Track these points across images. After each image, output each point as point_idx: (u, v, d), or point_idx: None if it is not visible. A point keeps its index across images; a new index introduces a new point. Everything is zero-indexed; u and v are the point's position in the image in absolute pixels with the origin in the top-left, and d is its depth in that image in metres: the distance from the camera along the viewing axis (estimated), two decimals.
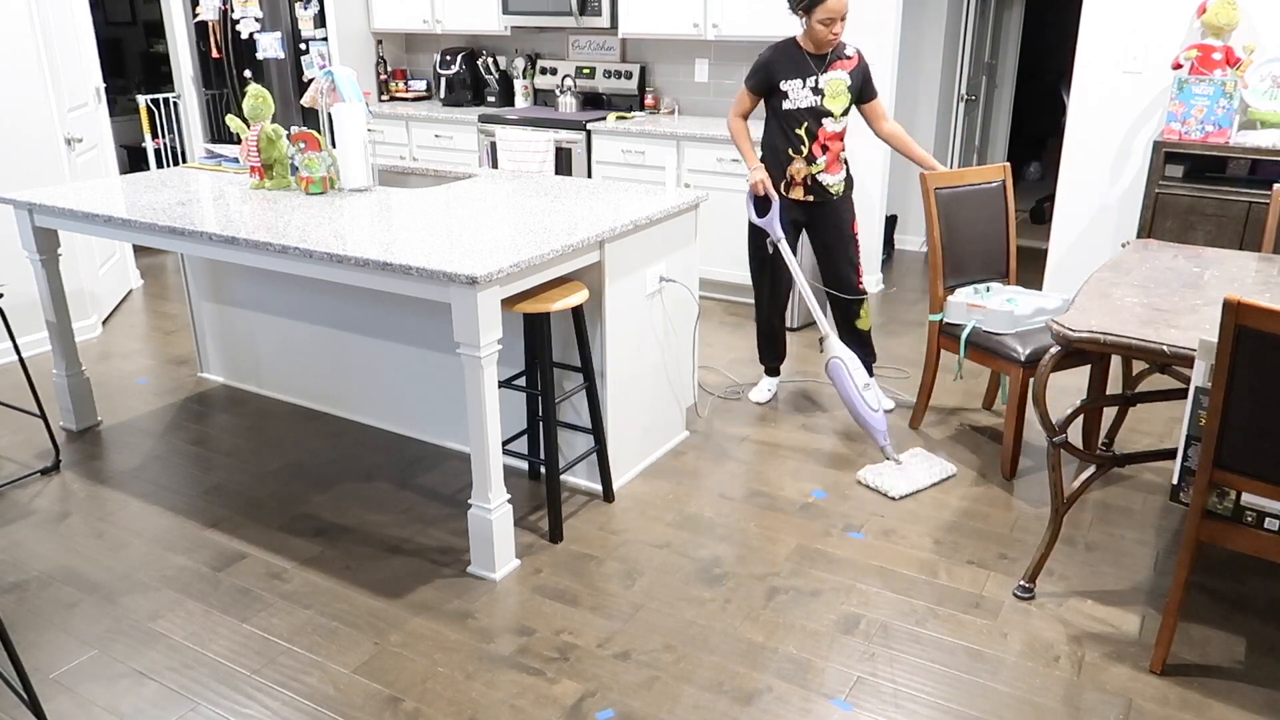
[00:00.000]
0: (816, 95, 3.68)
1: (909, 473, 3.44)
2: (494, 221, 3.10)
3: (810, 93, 3.68)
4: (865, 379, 3.57)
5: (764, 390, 4.17)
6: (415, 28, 6.26)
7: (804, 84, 3.68)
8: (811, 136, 3.72)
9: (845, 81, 3.70)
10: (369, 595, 2.80)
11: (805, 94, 3.68)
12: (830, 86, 3.68)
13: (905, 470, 3.46)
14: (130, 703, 2.39)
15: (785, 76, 3.68)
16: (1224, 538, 2.33)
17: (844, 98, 3.72)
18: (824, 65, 3.68)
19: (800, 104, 3.69)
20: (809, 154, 3.74)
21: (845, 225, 3.88)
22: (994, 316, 3.48)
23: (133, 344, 4.88)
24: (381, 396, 3.85)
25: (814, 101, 3.69)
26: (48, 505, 3.32)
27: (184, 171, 4.06)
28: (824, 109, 3.70)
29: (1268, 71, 4.17)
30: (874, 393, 3.56)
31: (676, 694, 2.40)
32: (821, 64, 3.68)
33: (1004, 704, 2.36)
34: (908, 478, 3.41)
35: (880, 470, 3.46)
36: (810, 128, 3.71)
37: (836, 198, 3.83)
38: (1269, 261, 3.14)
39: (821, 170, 3.76)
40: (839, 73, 3.69)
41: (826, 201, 3.82)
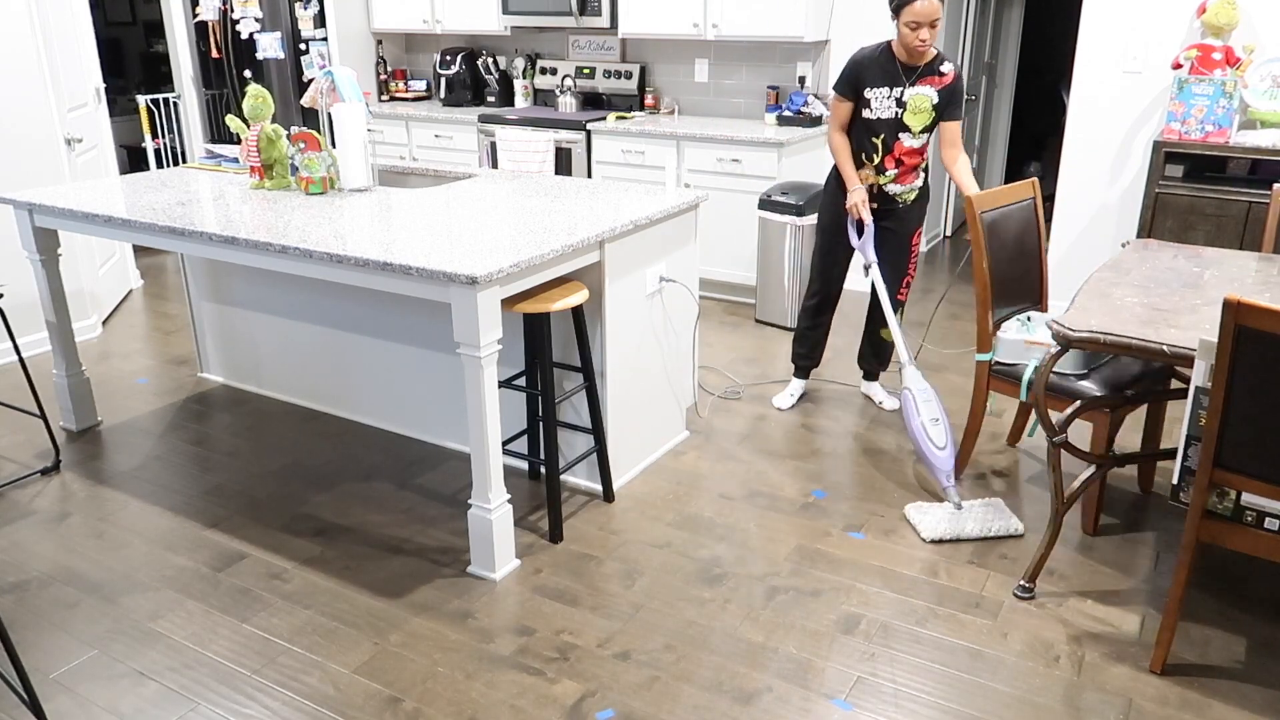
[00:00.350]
0: (899, 108, 3.55)
1: (959, 520, 3.12)
2: (494, 221, 3.10)
3: (894, 104, 3.55)
4: (935, 414, 3.36)
5: (789, 396, 4.08)
6: (415, 28, 6.26)
7: (889, 94, 3.55)
8: (886, 149, 3.62)
9: (931, 99, 3.53)
10: (369, 595, 2.80)
11: (888, 105, 3.55)
12: (914, 101, 3.53)
13: (958, 516, 3.14)
14: (130, 703, 2.39)
15: (872, 84, 3.56)
16: (1224, 538, 2.33)
17: (926, 115, 3.55)
18: (914, 78, 3.53)
19: (881, 114, 3.57)
20: (880, 164, 3.65)
21: (906, 236, 3.79)
22: None
23: (133, 344, 4.88)
24: (381, 396, 3.85)
25: (895, 113, 3.56)
26: (48, 505, 3.32)
27: (184, 171, 4.06)
28: (903, 123, 3.57)
29: (1268, 71, 4.17)
30: (943, 430, 3.32)
31: (676, 694, 2.40)
32: (911, 75, 3.53)
33: (1004, 704, 2.36)
34: (952, 524, 3.10)
35: (929, 510, 3.19)
36: (887, 140, 3.60)
37: (902, 206, 3.74)
38: (1269, 261, 3.14)
39: (890, 182, 3.68)
40: (926, 88, 3.52)
41: (892, 210, 3.75)
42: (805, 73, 5.43)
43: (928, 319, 5.15)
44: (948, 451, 3.28)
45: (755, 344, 4.80)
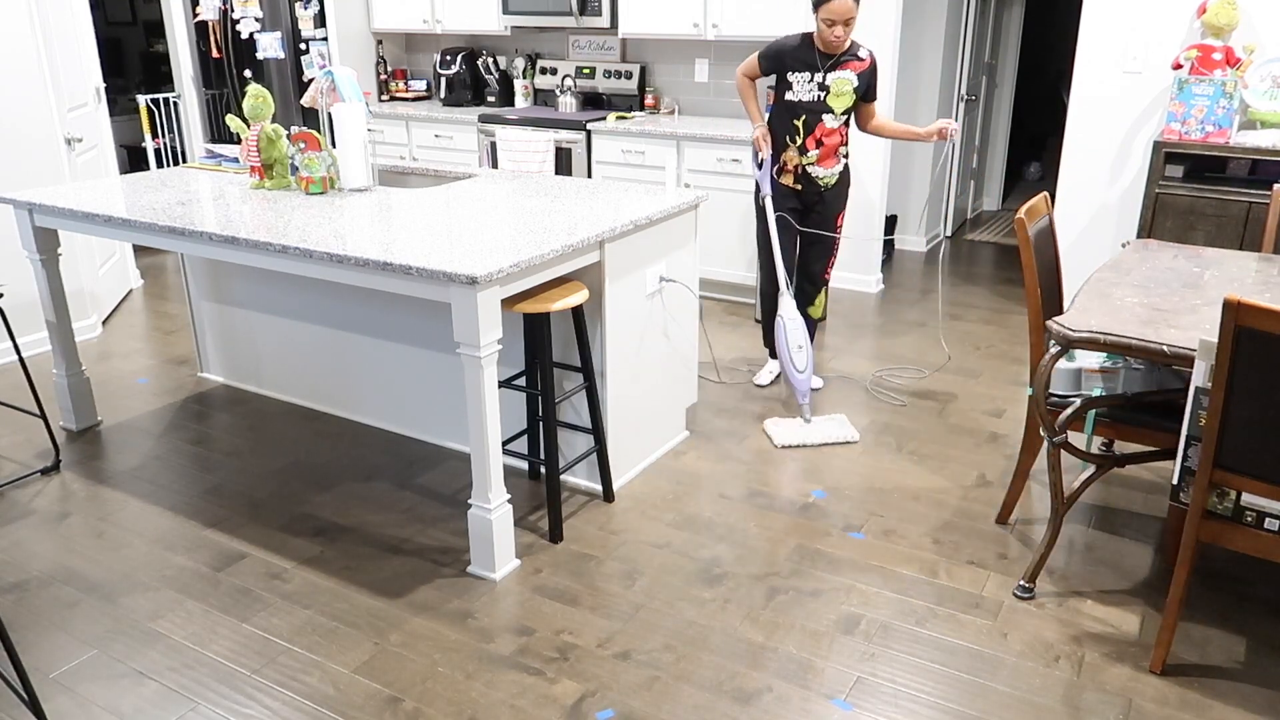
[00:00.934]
0: (821, 91, 3.79)
1: (807, 431, 3.75)
2: (494, 221, 3.10)
3: (816, 87, 3.79)
4: (799, 341, 3.81)
5: (766, 373, 4.30)
6: (415, 28, 6.26)
7: (810, 78, 3.79)
8: (808, 129, 3.84)
9: (852, 82, 3.79)
10: (369, 595, 2.80)
11: (810, 88, 3.80)
12: (836, 85, 3.78)
13: (806, 428, 3.76)
14: (130, 703, 2.39)
15: (794, 68, 3.81)
16: (1224, 538, 2.33)
17: (848, 97, 3.81)
18: (833, 63, 3.78)
19: (803, 96, 3.81)
20: (802, 145, 3.88)
21: (830, 217, 4.03)
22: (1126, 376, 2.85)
23: (133, 344, 4.88)
24: (381, 396, 3.85)
25: (817, 96, 3.80)
26: (48, 505, 3.32)
27: (184, 171, 4.06)
28: (825, 105, 3.81)
29: (1268, 71, 4.17)
30: (805, 355, 3.82)
31: (676, 694, 2.40)
32: (830, 62, 3.78)
33: (1004, 704, 2.36)
34: (801, 434, 3.72)
35: (782, 422, 3.81)
36: (809, 121, 3.83)
37: (825, 189, 3.97)
38: (1269, 261, 3.14)
39: (813, 163, 3.90)
40: (847, 73, 3.79)
41: (815, 191, 3.97)
42: None
43: (934, 322, 5.15)
44: (806, 374, 3.81)
45: (755, 344, 4.80)
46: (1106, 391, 2.82)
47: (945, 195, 6.88)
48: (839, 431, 3.74)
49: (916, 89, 6.22)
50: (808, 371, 3.81)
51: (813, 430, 3.75)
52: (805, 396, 3.81)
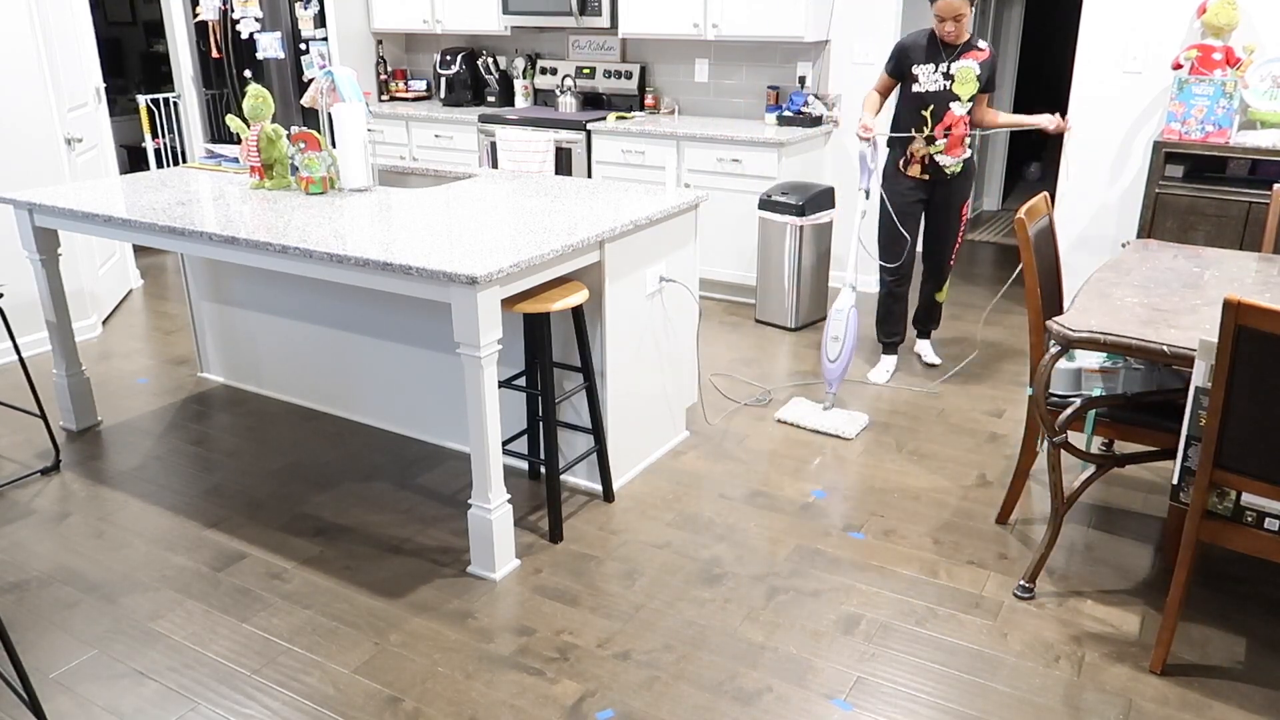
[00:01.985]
0: (947, 80, 3.98)
1: (817, 417, 3.87)
2: (494, 221, 3.10)
3: (941, 77, 3.98)
4: (836, 333, 3.86)
5: (883, 371, 4.38)
6: (415, 28, 6.26)
7: (935, 69, 3.98)
8: (936, 119, 4.02)
9: (975, 70, 3.97)
10: (369, 595, 2.80)
11: (936, 78, 3.98)
12: (960, 73, 3.97)
13: (817, 413, 3.89)
14: (130, 703, 2.39)
15: (918, 61, 3.99)
16: (1224, 538, 2.33)
17: (972, 85, 3.99)
18: (956, 54, 3.97)
19: (929, 87, 3.99)
20: (930, 134, 4.04)
21: (955, 206, 4.21)
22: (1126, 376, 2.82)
23: (133, 344, 4.88)
24: (381, 396, 3.85)
25: (943, 85, 3.98)
26: (48, 505, 3.32)
27: (184, 171, 4.06)
28: (952, 93, 3.99)
29: (1268, 71, 4.17)
30: (840, 347, 3.86)
31: (676, 694, 2.40)
32: (953, 52, 3.97)
33: (1004, 704, 2.36)
34: (806, 417, 3.87)
35: (804, 404, 3.98)
36: (936, 110, 4.01)
37: (951, 178, 4.14)
38: (1269, 261, 3.14)
39: (940, 152, 4.06)
40: (970, 62, 3.97)
41: (941, 181, 4.14)
42: (805, 73, 5.43)
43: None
44: (838, 364, 3.87)
45: (755, 344, 4.80)
46: (1106, 391, 2.82)
47: None
48: (836, 424, 3.82)
49: None
50: (841, 362, 3.87)
51: (820, 418, 3.86)
52: (831, 385, 3.91)
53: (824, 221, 4.95)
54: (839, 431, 3.78)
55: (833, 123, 5.42)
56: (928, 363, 4.50)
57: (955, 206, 4.21)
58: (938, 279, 4.39)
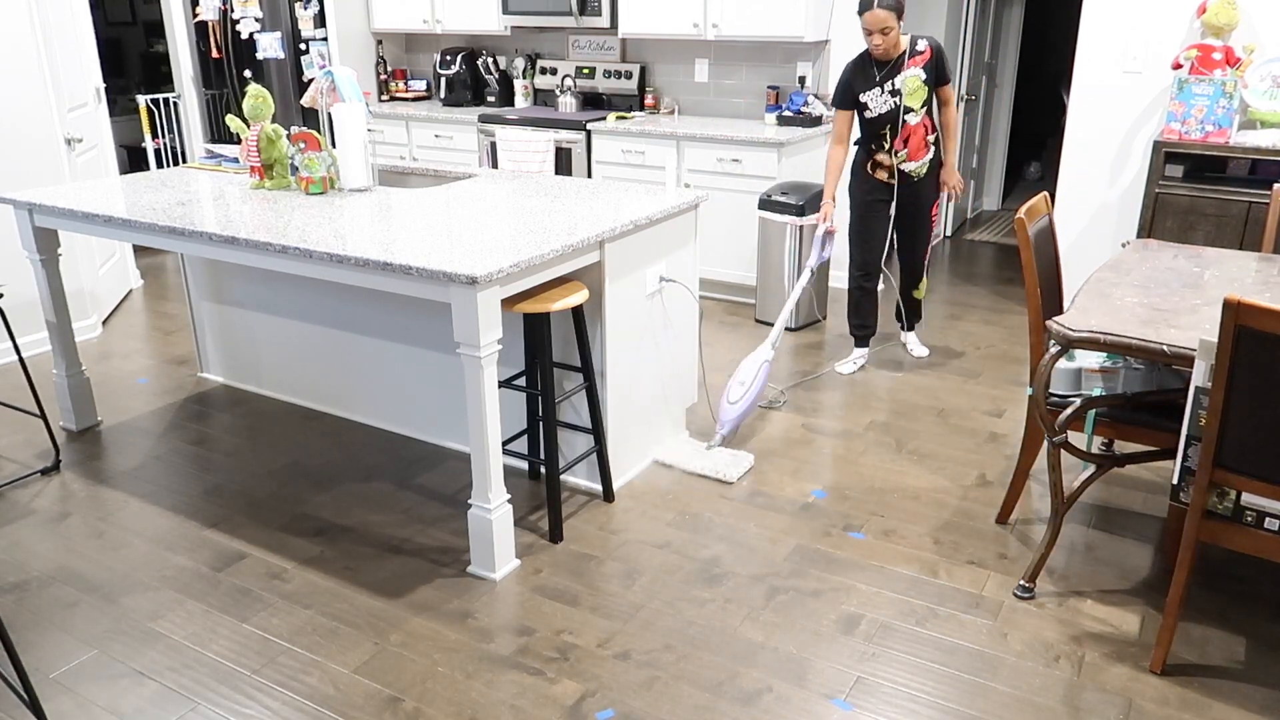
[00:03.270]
0: (895, 97, 4.02)
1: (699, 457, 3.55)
2: (494, 221, 3.10)
3: (889, 96, 4.02)
4: (743, 378, 3.65)
5: (851, 363, 4.47)
6: (415, 28, 6.26)
7: (881, 91, 4.01)
8: (894, 134, 4.10)
9: (920, 77, 3.99)
10: (369, 595, 2.80)
11: (885, 100, 4.03)
12: (906, 85, 3.99)
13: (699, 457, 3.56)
14: (130, 703, 2.39)
15: (863, 89, 4.04)
16: (1224, 538, 2.33)
17: (921, 92, 4.02)
18: (895, 69, 3.99)
19: (880, 111, 4.05)
20: (891, 148, 4.13)
21: (925, 207, 4.29)
22: (1126, 376, 2.81)
23: (133, 344, 4.88)
24: (381, 396, 3.85)
25: (893, 104, 4.03)
26: (48, 505, 3.32)
27: (184, 171, 4.06)
28: (905, 107, 4.03)
29: (1268, 71, 4.17)
30: (741, 391, 3.63)
31: (676, 694, 2.40)
32: (892, 69, 3.99)
33: (1004, 704, 2.36)
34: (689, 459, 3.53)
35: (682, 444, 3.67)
36: (894, 128, 4.08)
37: (918, 180, 4.21)
38: (1269, 261, 3.14)
39: (904, 161, 4.14)
40: (913, 70, 3.98)
41: (908, 184, 4.22)
42: (805, 73, 5.43)
43: (935, 321, 5.15)
44: (738, 408, 3.63)
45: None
46: (1106, 391, 2.82)
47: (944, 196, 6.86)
48: (718, 467, 3.48)
49: None
50: (740, 405, 3.63)
51: (702, 460, 3.54)
52: (723, 426, 3.64)
53: None
54: (720, 475, 3.44)
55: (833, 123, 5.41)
56: (915, 355, 4.57)
57: (924, 207, 4.28)
58: (914, 277, 4.45)
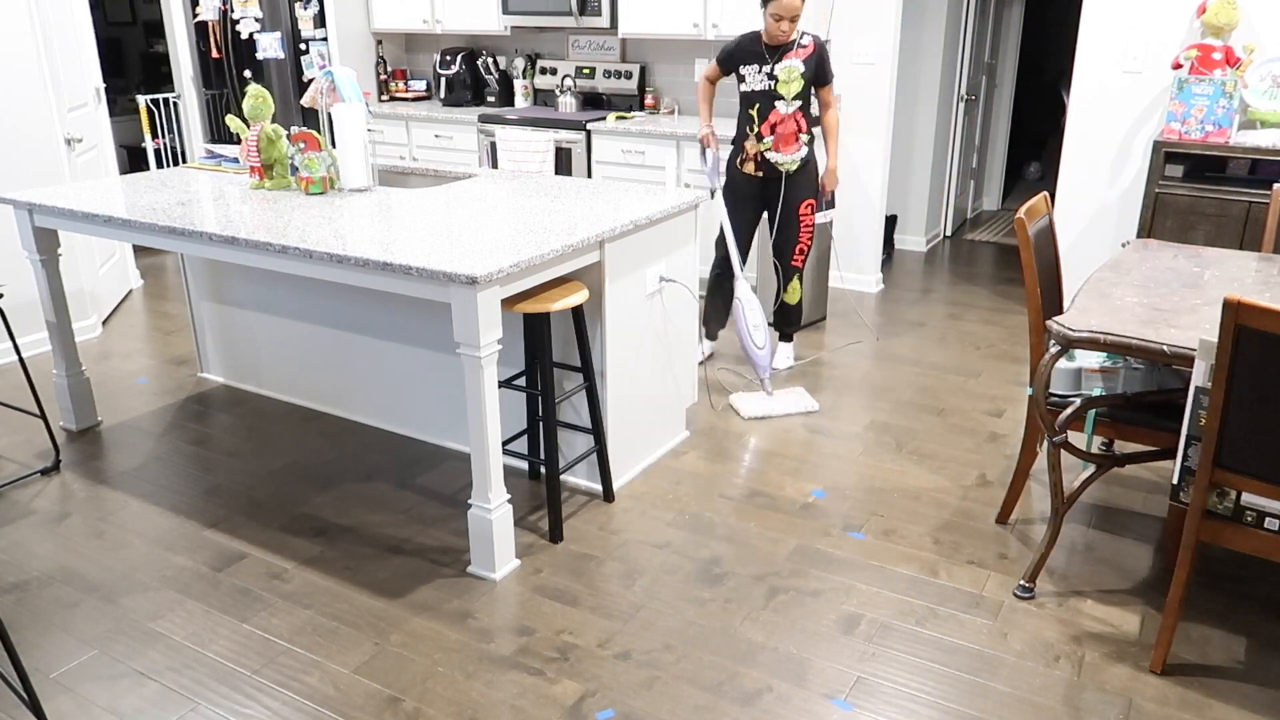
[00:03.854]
0: (770, 80, 4.07)
1: (771, 403, 3.97)
2: (494, 221, 3.10)
3: (765, 78, 4.08)
4: (758, 320, 3.98)
5: (700, 353, 4.53)
6: (415, 28, 6.26)
7: (759, 70, 4.08)
8: (762, 117, 4.12)
9: (799, 69, 4.06)
10: (369, 595, 2.80)
11: (760, 79, 4.09)
12: (784, 73, 4.06)
13: (770, 401, 3.98)
14: (130, 703, 2.39)
15: (745, 62, 4.10)
16: (1224, 538, 2.33)
17: (797, 83, 4.07)
18: (779, 55, 4.06)
19: (755, 86, 4.11)
20: (758, 132, 4.15)
21: (794, 205, 4.26)
22: (1126, 376, 2.82)
23: (133, 344, 4.88)
24: (381, 396, 3.85)
25: (767, 85, 4.08)
26: (48, 505, 3.32)
27: (184, 171, 4.06)
28: (776, 93, 4.08)
29: (1268, 71, 4.17)
30: (763, 333, 3.99)
31: (676, 694, 2.40)
32: (777, 54, 4.06)
33: (1004, 704, 2.36)
34: (766, 405, 3.95)
35: (750, 397, 4.02)
36: (762, 109, 4.11)
37: (787, 175, 4.21)
38: (1269, 261, 3.14)
39: (769, 149, 4.16)
40: (793, 61, 4.06)
41: (776, 178, 4.22)
42: None
43: (933, 321, 5.16)
44: (765, 350, 3.97)
45: None
46: (1106, 391, 2.82)
47: (945, 195, 6.88)
48: (800, 403, 3.98)
49: (916, 89, 6.22)
50: (767, 347, 3.98)
51: (776, 402, 3.98)
52: (766, 371, 3.98)
53: (824, 221, 4.95)
54: (807, 409, 3.96)
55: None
56: (777, 366, 4.47)
57: (794, 205, 4.25)
58: (784, 279, 4.42)
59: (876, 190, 5.47)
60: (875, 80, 5.29)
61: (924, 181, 6.44)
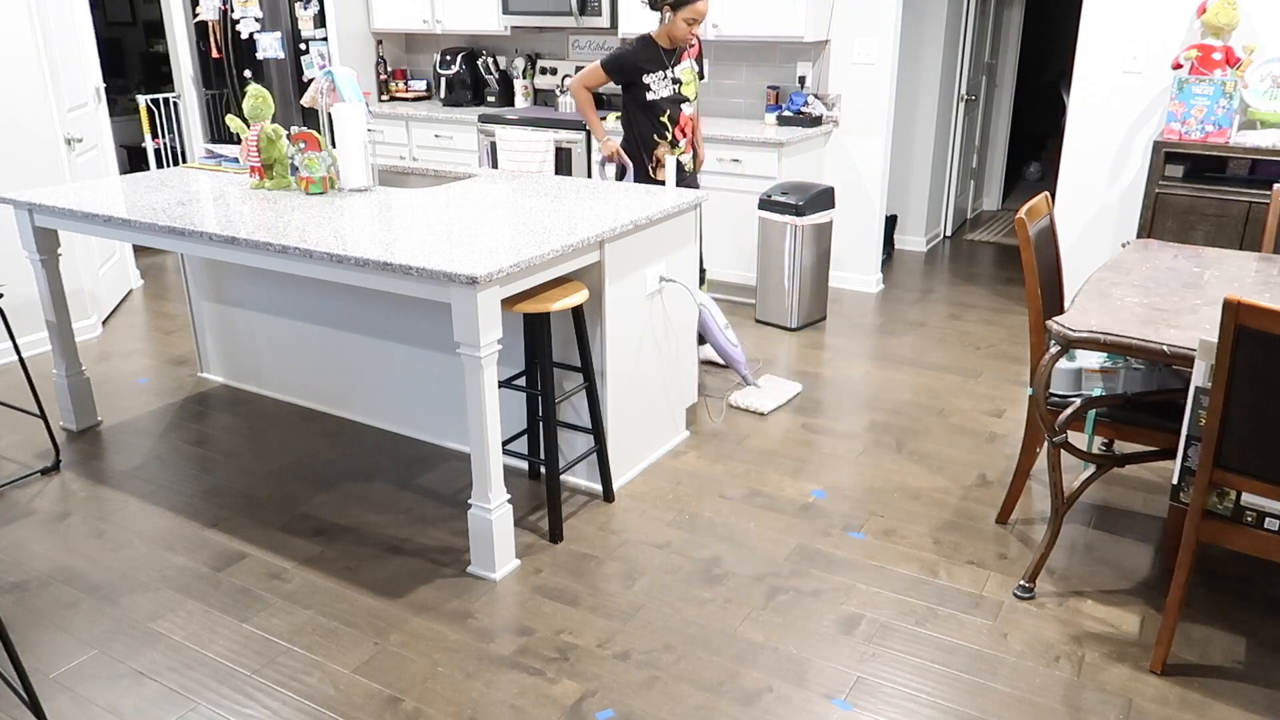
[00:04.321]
0: (675, 84, 4.15)
1: (769, 393, 4.06)
2: (494, 221, 3.10)
3: (670, 83, 4.14)
4: (723, 320, 4.06)
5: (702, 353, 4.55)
6: (415, 28, 6.26)
7: (664, 75, 4.12)
8: (673, 122, 4.19)
9: (694, 68, 4.20)
10: (369, 595, 2.80)
11: (666, 84, 4.13)
12: (685, 74, 4.17)
13: (766, 392, 4.07)
14: (130, 703, 2.39)
15: (648, 70, 4.09)
16: (1224, 538, 2.33)
17: (694, 83, 4.23)
18: (676, 57, 4.14)
19: (662, 94, 4.13)
20: (673, 138, 4.21)
21: None
22: (1126, 376, 2.82)
23: (133, 344, 4.88)
24: (381, 396, 3.85)
25: (674, 90, 4.15)
26: (48, 505, 3.32)
27: (184, 171, 4.06)
28: (681, 96, 4.18)
29: (1268, 71, 4.17)
30: (732, 331, 4.08)
31: (676, 694, 2.40)
32: (674, 57, 4.13)
33: (1004, 704, 2.36)
34: (770, 397, 4.03)
35: (746, 394, 4.07)
36: (672, 114, 4.18)
37: (690, 176, 4.34)
38: (1269, 261, 3.14)
39: (682, 153, 4.26)
40: (688, 62, 4.18)
41: (682, 181, 4.31)
42: (805, 73, 5.43)
43: (934, 321, 5.16)
44: (739, 346, 4.08)
45: (755, 344, 4.80)
46: (1106, 391, 2.83)
47: (945, 195, 6.88)
48: (789, 388, 4.16)
49: (916, 89, 6.22)
50: (739, 343, 4.11)
51: (775, 391, 4.10)
52: (745, 367, 4.10)
53: (824, 221, 4.95)
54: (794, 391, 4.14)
55: (833, 123, 5.42)
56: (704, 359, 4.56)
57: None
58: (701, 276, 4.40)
59: (876, 190, 5.47)
60: (875, 80, 5.29)
61: (924, 181, 6.45)
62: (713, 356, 4.55)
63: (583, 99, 4.19)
